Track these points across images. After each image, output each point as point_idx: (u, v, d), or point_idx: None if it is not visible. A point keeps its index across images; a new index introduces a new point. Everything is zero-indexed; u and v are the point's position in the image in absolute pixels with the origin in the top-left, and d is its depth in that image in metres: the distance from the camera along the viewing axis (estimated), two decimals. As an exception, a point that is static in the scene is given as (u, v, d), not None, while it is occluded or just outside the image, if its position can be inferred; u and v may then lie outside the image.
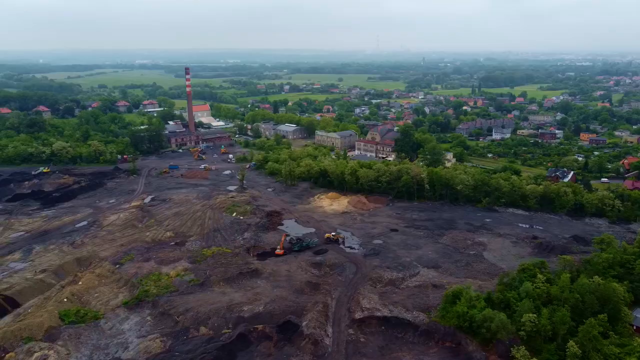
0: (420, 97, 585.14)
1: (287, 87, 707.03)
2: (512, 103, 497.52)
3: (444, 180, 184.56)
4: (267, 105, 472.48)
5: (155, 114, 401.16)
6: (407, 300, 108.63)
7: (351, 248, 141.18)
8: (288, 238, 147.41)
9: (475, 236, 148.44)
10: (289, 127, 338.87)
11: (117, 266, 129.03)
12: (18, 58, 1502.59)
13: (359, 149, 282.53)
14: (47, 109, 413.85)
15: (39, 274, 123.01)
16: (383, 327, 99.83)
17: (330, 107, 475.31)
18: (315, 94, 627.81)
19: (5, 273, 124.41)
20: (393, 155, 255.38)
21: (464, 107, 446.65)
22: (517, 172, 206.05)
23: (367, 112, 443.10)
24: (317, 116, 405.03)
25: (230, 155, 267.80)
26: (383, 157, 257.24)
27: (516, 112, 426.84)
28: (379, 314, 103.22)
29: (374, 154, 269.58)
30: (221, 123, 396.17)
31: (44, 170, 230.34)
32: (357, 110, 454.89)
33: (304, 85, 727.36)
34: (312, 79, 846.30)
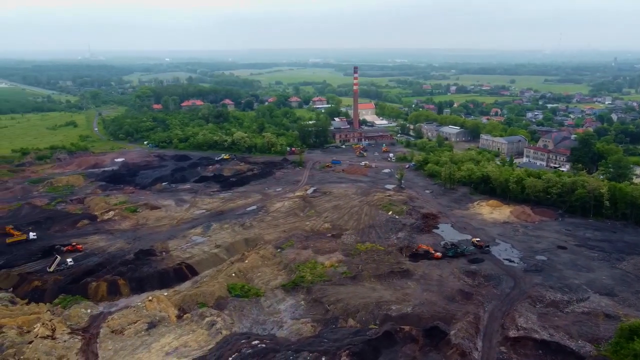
0: (606, 103, 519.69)
1: (453, 87, 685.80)
2: None
3: (630, 198, 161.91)
4: (432, 106, 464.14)
5: (323, 110, 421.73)
6: (571, 327, 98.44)
7: (510, 261, 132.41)
8: (442, 243, 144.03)
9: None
10: (452, 129, 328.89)
11: (279, 250, 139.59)
12: (212, 57, 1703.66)
13: (527, 156, 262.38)
14: (231, 102, 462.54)
15: (214, 248, 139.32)
16: (540, 352, 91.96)
17: (499, 110, 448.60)
18: (484, 95, 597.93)
19: (189, 244, 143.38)
20: (567, 166, 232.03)
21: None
22: None
23: (541, 117, 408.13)
24: (484, 119, 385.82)
25: (391, 154, 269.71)
26: (555, 167, 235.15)
27: None
28: (536, 335, 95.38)
29: (544, 163, 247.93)
30: (384, 122, 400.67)
31: (225, 157, 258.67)
32: (529, 115, 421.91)
33: (472, 87, 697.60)
34: (481, 80, 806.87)
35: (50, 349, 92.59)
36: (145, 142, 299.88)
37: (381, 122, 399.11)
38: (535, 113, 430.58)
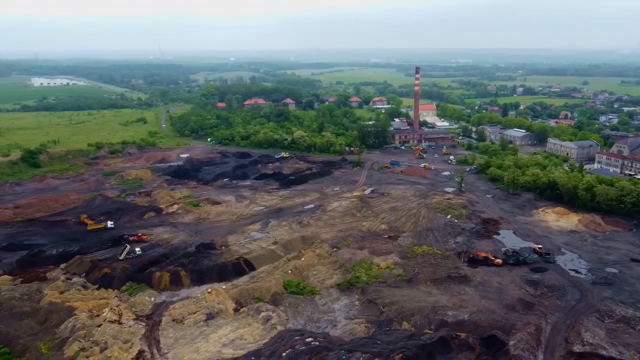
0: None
1: (520, 89, 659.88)
2: None
3: None
4: (496, 108, 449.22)
5: (383, 111, 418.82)
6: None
7: (576, 272, 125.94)
8: (503, 249, 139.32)
9: None
10: (517, 132, 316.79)
11: (335, 249, 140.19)
12: (275, 57, 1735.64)
13: (599, 162, 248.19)
14: (292, 102, 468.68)
15: (271, 245, 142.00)
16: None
17: (569, 113, 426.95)
18: (553, 98, 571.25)
19: (247, 240, 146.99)
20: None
21: None
22: None
23: (616, 121, 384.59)
24: (552, 122, 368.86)
25: (451, 157, 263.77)
26: (630, 175, 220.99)
27: None
28: (604, 352, 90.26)
29: (618, 170, 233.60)
30: (445, 123, 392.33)
31: (285, 155, 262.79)
32: (603, 119, 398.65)
33: (540, 88, 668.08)
34: (550, 81, 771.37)
35: (117, 333, 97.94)
36: (209, 139, 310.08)
37: (442, 123, 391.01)
38: (610, 117, 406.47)
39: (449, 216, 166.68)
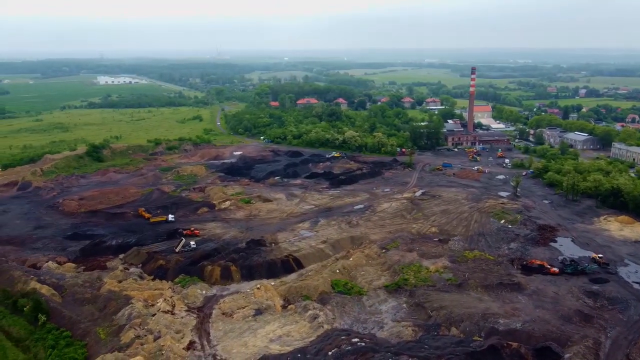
0: None
1: (583, 91, 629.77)
2: None
3: None
4: (556, 110, 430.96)
5: (436, 112, 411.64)
6: None
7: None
8: (560, 258, 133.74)
9: None
10: (578, 136, 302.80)
11: (384, 250, 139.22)
12: (328, 56, 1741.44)
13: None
14: (344, 101, 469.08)
15: (320, 244, 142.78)
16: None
17: (637, 116, 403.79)
18: (619, 100, 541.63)
19: (296, 238, 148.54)
20: None
21: None
22: None
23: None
24: (618, 126, 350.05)
25: (507, 160, 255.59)
26: None
27: None
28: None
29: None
30: (501, 125, 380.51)
31: (335, 155, 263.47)
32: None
33: (605, 90, 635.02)
34: (617, 82, 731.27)
35: (170, 323, 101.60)
36: (262, 137, 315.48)
37: (498, 125, 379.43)
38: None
39: (502, 221, 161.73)
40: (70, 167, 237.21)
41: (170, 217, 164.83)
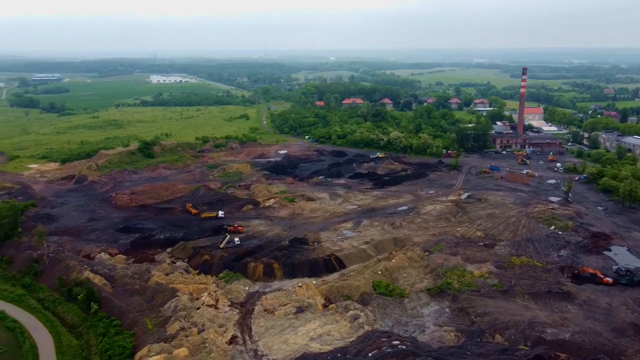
0: None
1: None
2: None
3: None
4: (614, 113, 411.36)
5: (484, 113, 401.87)
6: None
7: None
8: (615, 267, 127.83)
9: None
10: (638, 140, 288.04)
11: (427, 253, 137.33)
12: (375, 56, 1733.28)
13: None
14: (390, 102, 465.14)
15: (362, 244, 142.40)
16: None
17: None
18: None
19: (339, 237, 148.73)
20: None
21: None
22: None
23: None
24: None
25: (558, 164, 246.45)
26: None
27: None
28: None
29: None
30: (553, 128, 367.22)
31: (380, 156, 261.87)
32: None
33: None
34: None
35: (213, 317, 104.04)
36: (307, 137, 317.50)
37: (549, 128, 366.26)
38: None
39: (552, 227, 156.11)
40: (123, 162, 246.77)
41: (220, 213, 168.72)
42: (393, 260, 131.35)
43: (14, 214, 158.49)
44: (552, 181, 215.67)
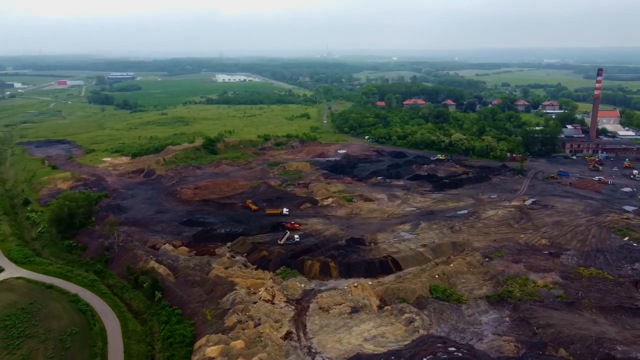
0: None
1: None
2: None
3: None
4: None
5: (553, 116, 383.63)
6: None
7: None
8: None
9: None
10: None
11: (487, 259, 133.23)
12: (438, 56, 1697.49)
13: None
14: (452, 103, 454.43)
15: (420, 247, 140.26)
16: None
17: None
18: None
19: (396, 239, 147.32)
20: None
21: None
22: None
23: None
24: None
25: (635, 171, 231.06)
26: None
27: None
28: None
29: None
30: (630, 133, 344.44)
31: (440, 158, 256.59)
32: None
33: None
34: None
35: (270, 312, 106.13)
36: (366, 137, 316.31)
37: (626, 133, 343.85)
38: None
39: (626, 238, 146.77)
40: (188, 158, 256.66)
41: (285, 210, 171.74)
42: (451, 265, 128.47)
43: (88, 204, 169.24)
44: (627, 189, 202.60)
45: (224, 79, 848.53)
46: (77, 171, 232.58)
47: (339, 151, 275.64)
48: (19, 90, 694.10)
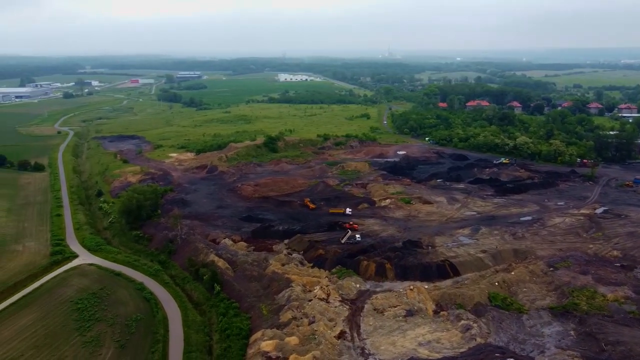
0: None
1: None
2: None
3: None
4: None
5: (630, 120, 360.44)
6: None
7: None
8: None
9: None
10: None
11: (551, 269, 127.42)
12: (505, 57, 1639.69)
13: None
14: (519, 105, 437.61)
15: (479, 252, 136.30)
16: None
17: None
18: None
19: (454, 243, 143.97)
20: None
21: None
22: None
23: None
24: None
25: None
26: None
27: None
28: None
29: None
30: None
31: (504, 161, 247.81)
32: None
33: None
34: None
35: (324, 310, 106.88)
36: (427, 138, 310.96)
37: None
38: None
39: None
40: (250, 155, 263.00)
41: (348, 210, 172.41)
42: (512, 273, 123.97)
43: (155, 197, 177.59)
44: None
45: (286, 79, 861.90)
46: (145, 165, 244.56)
47: (398, 152, 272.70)
48: (96, 88, 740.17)
